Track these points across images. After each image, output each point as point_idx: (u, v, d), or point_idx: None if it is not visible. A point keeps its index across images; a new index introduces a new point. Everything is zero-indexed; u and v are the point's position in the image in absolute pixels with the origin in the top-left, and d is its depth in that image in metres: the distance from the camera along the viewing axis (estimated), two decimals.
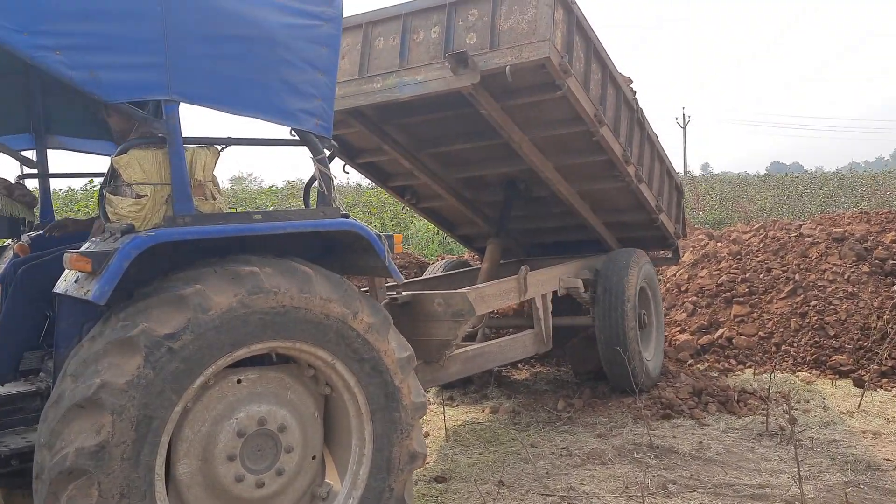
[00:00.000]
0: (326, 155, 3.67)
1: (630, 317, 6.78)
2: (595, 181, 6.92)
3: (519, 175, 7.06)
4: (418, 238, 16.21)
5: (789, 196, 23.43)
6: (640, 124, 6.90)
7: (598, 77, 6.07)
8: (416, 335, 5.15)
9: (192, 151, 3.34)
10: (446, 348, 5.25)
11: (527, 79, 5.42)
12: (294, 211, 3.54)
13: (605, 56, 6.15)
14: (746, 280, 9.28)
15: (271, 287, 3.26)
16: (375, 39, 5.75)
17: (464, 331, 5.32)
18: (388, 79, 5.56)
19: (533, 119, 6.05)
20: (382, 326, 3.67)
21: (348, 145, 6.95)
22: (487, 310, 5.85)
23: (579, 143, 6.33)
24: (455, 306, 5.18)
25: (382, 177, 7.49)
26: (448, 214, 8.13)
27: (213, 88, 3.25)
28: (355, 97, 5.74)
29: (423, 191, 7.59)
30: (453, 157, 6.97)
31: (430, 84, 5.33)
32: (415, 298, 5.35)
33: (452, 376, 5.66)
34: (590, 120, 5.87)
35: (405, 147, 6.76)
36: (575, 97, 5.58)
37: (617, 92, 6.43)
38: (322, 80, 3.60)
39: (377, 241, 3.66)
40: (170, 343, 3.02)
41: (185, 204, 3.20)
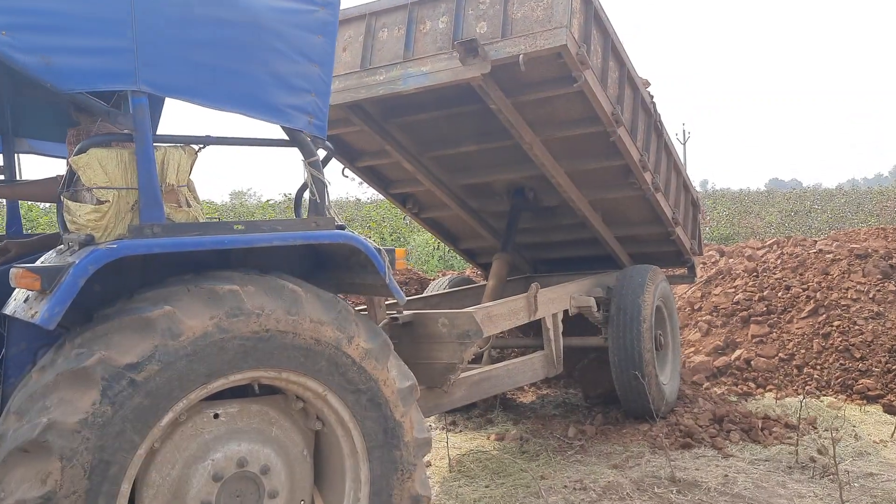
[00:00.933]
0: (320, 158, 3.23)
1: (646, 338, 6.34)
2: (609, 189, 6.52)
3: (527, 182, 6.67)
4: (418, 253, 15.77)
5: (797, 212, 23.02)
6: (658, 131, 6.50)
7: (616, 76, 5.70)
8: (419, 358, 4.77)
9: (163, 151, 2.91)
10: (451, 372, 4.84)
11: (541, 71, 5.06)
12: (281, 221, 3.10)
13: (624, 53, 5.79)
14: (764, 298, 8.86)
15: (254, 308, 2.83)
16: (379, 31, 5.42)
17: (470, 354, 4.93)
18: (391, 71, 5.20)
19: (546, 118, 5.67)
20: (381, 353, 3.23)
21: (348, 147, 6.56)
22: (496, 331, 5.44)
23: (594, 145, 5.94)
24: (461, 327, 4.79)
25: (383, 183, 7.09)
26: (452, 226, 7.71)
27: (187, 78, 2.83)
28: (356, 90, 5.37)
29: (425, 199, 7.19)
30: (459, 161, 6.58)
31: (436, 75, 4.98)
32: (417, 318, 4.97)
33: (457, 403, 5.23)
34: (607, 119, 5.48)
35: (408, 149, 6.36)
36: (592, 92, 5.19)
37: (634, 93, 6.05)
38: (316, 72, 3.17)
39: (376, 256, 3.23)
40: (132, 374, 2.58)
41: (154, 211, 2.76)
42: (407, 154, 6.35)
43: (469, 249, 8.11)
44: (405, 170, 6.55)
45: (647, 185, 6.26)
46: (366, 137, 6.26)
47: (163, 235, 2.74)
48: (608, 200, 6.69)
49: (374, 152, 6.56)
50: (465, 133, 6.17)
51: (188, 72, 2.82)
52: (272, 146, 3.17)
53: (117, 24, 2.67)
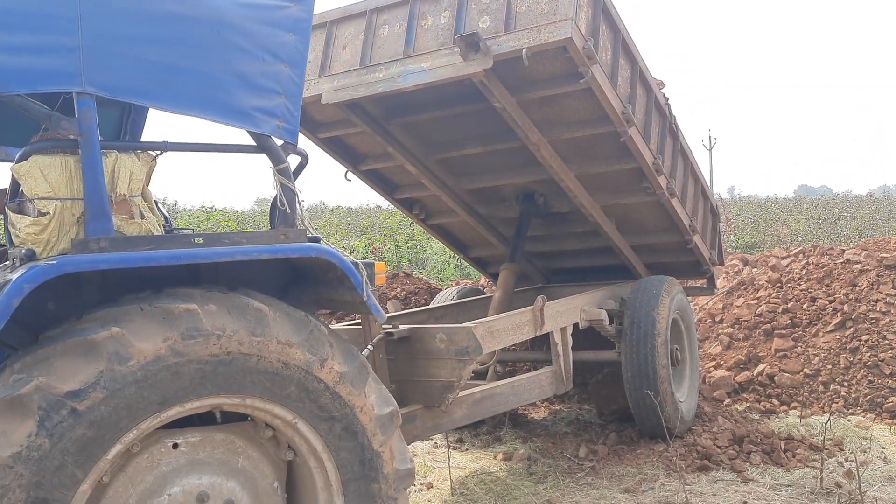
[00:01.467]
0: (289, 165, 2.98)
1: (661, 353, 6.03)
2: (622, 194, 6.24)
3: (537, 187, 6.41)
4: (433, 262, 15.51)
5: (825, 219, 22.45)
6: (674, 134, 6.20)
7: (627, 74, 5.42)
8: (416, 376, 4.59)
9: (114, 158, 2.68)
10: (449, 391, 4.59)
11: (546, 67, 4.87)
12: (247, 234, 2.86)
13: (636, 51, 5.51)
14: (788, 310, 8.47)
15: (213, 329, 2.59)
16: (380, 28, 5.24)
17: (469, 371, 4.67)
18: (391, 68, 5.03)
19: (553, 117, 5.43)
20: (358, 376, 2.97)
21: (350, 149, 6.37)
22: (498, 346, 5.17)
23: (604, 147, 5.68)
24: (459, 343, 4.54)
25: (388, 187, 6.86)
26: (460, 233, 7.47)
27: (140, 79, 2.60)
28: (355, 88, 5.18)
29: (432, 204, 6.95)
30: (464, 164, 6.35)
31: (437, 72, 4.79)
32: (414, 333, 4.71)
33: (457, 422, 4.96)
34: (617, 118, 5.23)
35: (411, 151, 6.12)
36: (600, 88, 4.95)
37: (647, 94, 5.77)
38: (286, 73, 2.94)
39: (352, 271, 2.98)
40: (73, 403, 2.34)
41: (101, 224, 2.53)
42: (410, 156, 6.12)
43: (479, 258, 7.85)
44: (410, 173, 6.33)
45: (661, 190, 5.97)
46: (368, 139, 6.05)
47: (110, 250, 2.51)
48: (621, 206, 6.42)
49: (377, 155, 6.34)
50: (469, 134, 5.94)
51: (141, 72, 2.59)
52: (237, 153, 2.94)
53: (61, 21, 2.45)
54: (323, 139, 6.19)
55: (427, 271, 14.54)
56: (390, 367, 4.60)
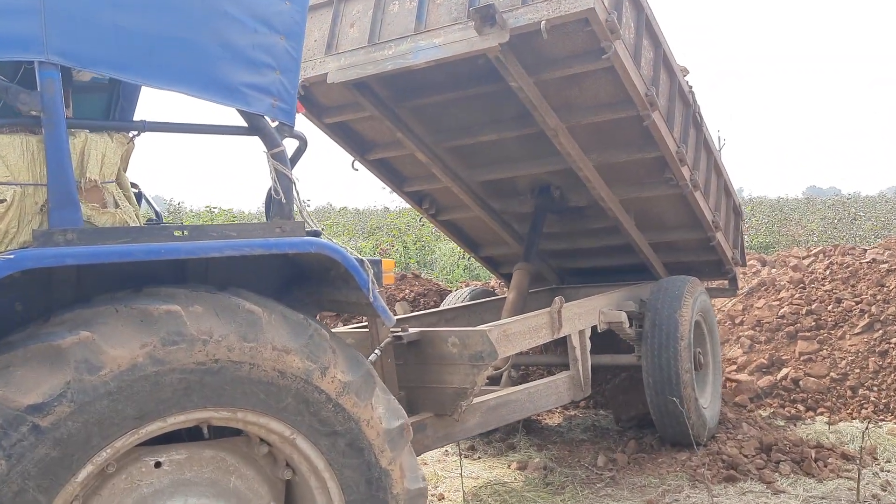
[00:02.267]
0: (285, 150, 2.67)
1: (684, 357, 5.70)
2: (642, 187, 5.93)
3: (553, 179, 6.11)
4: (442, 263, 15.17)
5: (840, 219, 22.00)
6: (697, 124, 5.88)
7: (650, 56, 5.14)
8: (427, 382, 4.34)
9: (84, 139, 2.37)
10: (463, 398, 4.30)
11: (566, 43, 4.62)
12: (237, 226, 2.54)
13: (660, 33, 5.22)
14: (812, 312, 8.13)
15: (198, 333, 2.28)
16: (390, 4, 4.98)
17: (484, 378, 4.40)
18: (401, 45, 4.76)
19: (572, 101, 5.16)
20: (364, 386, 2.66)
21: (358, 136, 6.07)
22: (513, 351, 4.86)
23: (626, 133, 5.40)
24: (473, 347, 4.26)
25: (397, 179, 6.55)
26: (472, 230, 7.15)
27: (113, 48, 2.29)
28: (363, 67, 4.90)
29: (442, 198, 6.64)
30: (477, 153, 6.05)
31: (450, 47, 4.53)
32: (424, 337, 4.43)
33: (471, 431, 4.66)
34: (640, 101, 4.94)
35: (421, 138, 5.82)
36: (623, 66, 4.67)
37: (671, 79, 5.47)
38: (282, 45, 2.63)
39: (357, 269, 2.66)
40: (35, 419, 2.04)
41: (68, 213, 2.22)
42: (421, 144, 5.82)
43: (491, 257, 7.54)
44: (420, 163, 6.03)
45: (684, 181, 5.66)
46: (376, 125, 5.77)
47: (78, 243, 2.19)
48: (641, 200, 6.11)
49: (385, 143, 6.05)
50: (483, 119, 5.65)
51: (115, 40, 2.28)
52: (226, 134, 2.62)
53: None
54: (329, 125, 5.91)
55: (436, 273, 14.21)
56: (399, 372, 4.33)
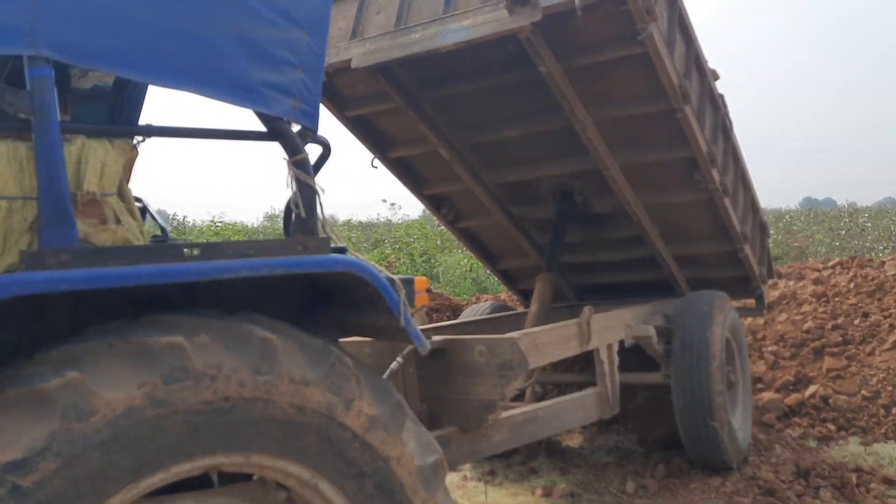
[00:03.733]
0: (307, 157, 2.38)
1: (717, 378, 5.41)
2: (669, 191, 5.69)
3: (576, 183, 5.88)
4: (450, 275, 14.86)
5: (847, 230, 21.71)
6: (726, 132, 5.65)
7: (683, 51, 4.94)
8: (451, 394, 4.12)
9: (80, 146, 2.07)
10: (490, 411, 4.05)
11: (599, 27, 4.47)
12: (255, 243, 2.24)
13: (692, 29, 5.03)
14: (839, 327, 7.84)
15: (205, 368, 1.98)
16: None
17: (513, 389, 4.14)
18: (428, 28, 4.62)
19: (602, 93, 4.97)
20: (392, 419, 2.36)
21: (378, 132, 5.86)
22: (543, 362, 4.61)
23: (655, 131, 5.18)
24: (502, 356, 4.01)
25: (417, 182, 6.32)
26: (490, 240, 6.88)
27: (114, 41, 1.99)
28: (388, 50, 4.74)
29: (462, 203, 6.39)
30: (500, 152, 5.82)
31: (479, 28, 4.38)
32: (449, 346, 4.18)
33: (497, 447, 4.40)
34: (673, 92, 4.74)
35: (444, 133, 5.60)
36: (657, 52, 4.48)
37: (702, 80, 5.27)
38: (304, 41, 2.34)
39: (388, 289, 2.37)
40: (15, 478, 1.73)
41: (61, 230, 1.92)
42: (443, 139, 5.60)
43: (508, 271, 7.24)
44: (440, 164, 5.82)
45: (714, 185, 5.40)
46: (399, 122, 5.57)
47: (73, 265, 1.89)
48: (668, 207, 5.85)
49: (407, 140, 5.83)
50: (509, 113, 5.44)
51: (116, 32, 1.98)
52: (242, 140, 2.33)
53: None
54: (350, 118, 5.69)
55: (442, 286, 13.91)
56: (421, 383, 4.12)
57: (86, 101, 3.13)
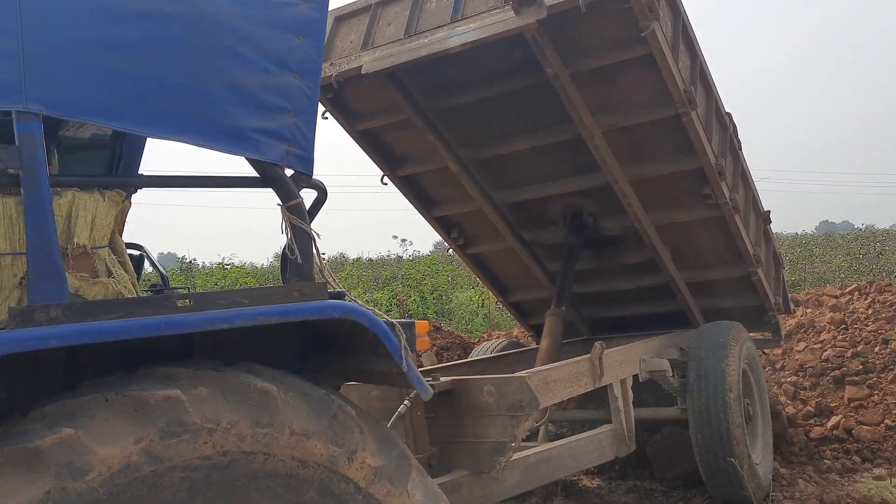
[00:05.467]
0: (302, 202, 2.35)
1: (734, 411, 5.29)
2: (679, 209, 5.68)
3: (586, 204, 5.90)
4: (461, 312, 14.76)
5: (866, 254, 21.52)
6: (735, 153, 5.70)
7: (687, 63, 5.02)
8: (461, 436, 4.05)
9: (71, 199, 2.06)
10: (501, 454, 3.97)
11: (602, 28, 4.58)
12: (250, 291, 2.20)
13: (697, 44, 5.10)
14: (859, 354, 7.71)
15: (203, 421, 1.92)
16: (427, 2, 5.00)
17: (524, 430, 4.10)
18: (436, 33, 4.76)
19: (608, 101, 5.03)
20: (398, 470, 2.30)
21: (388, 149, 5.89)
22: (555, 400, 4.52)
23: (662, 141, 5.21)
24: (511, 396, 3.96)
25: (426, 202, 6.30)
26: (500, 268, 6.83)
27: (103, 94, 1.97)
28: (397, 56, 4.86)
29: (472, 226, 6.37)
30: (508, 169, 5.83)
31: (486, 29, 4.50)
32: (457, 386, 4.13)
33: (510, 491, 4.29)
34: (678, 95, 4.79)
35: (452, 146, 5.64)
36: (660, 50, 4.52)
37: (708, 94, 5.32)
38: (297, 85, 2.32)
39: (388, 334, 2.32)
40: None
41: (52, 286, 1.89)
42: (451, 152, 5.63)
43: (520, 304, 7.17)
44: (450, 183, 5.86)
45: (724, 199, 5.38)
46: (408, 137, 5.66)
47: (63, 320, 1.85)
48: (679, 227, 5.83)
49: (417, 156, 5.87)
50: (516, 124, 5.48)
51: (105, 85, 1.97)
52: (235, 187, 2.31)
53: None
54: (361, 132, 5.75)
55: (454, 323, 13.81)
56: (431, 426, 4.03)
57: (85, 150, 3.12)
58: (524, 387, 3.93)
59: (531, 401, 3.92)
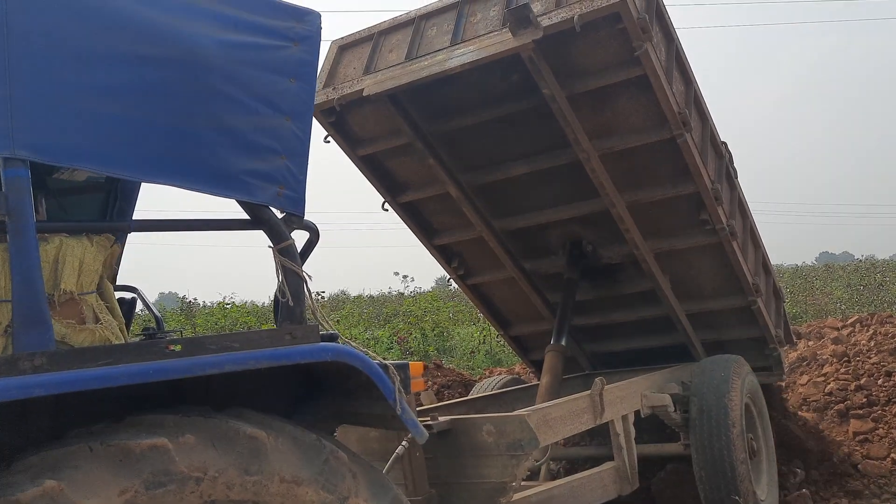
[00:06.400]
0: (293, 244, 2.33)
1: (738, 446, 5.22)
2: (677, 236, 5.68)
3: (585, 232, 5.91)
4: (462, 349, 14.67)
5: (867, 285, 21.44)
6: (731, 179, 5.72)
7: (682, 89, 5.08)
8: (460, 476, 3.99)
9: (58, 245, 2.04)
10: (502, 494, 3.92)
11: (597, 51, 4.67)
12: (241, 335, 2.18)
13: (691, 72, 5.18)
14: (862, 388, 7.63)
15: (190, 471, 1.89)
16: (428, 30, 5.18)
17: (524, 469, 4.04)
18: (436, 56, 4.90)
19: (604, 125, 5.08)
20: None
21: (390, 175, 5.90)
22: (555, 438, 4.48)
23: (659, 166, 5.25)
24: (511, 435, 3.91)
25: (427, 230, 6.29)
26: (502, 299, 6.78)
27: (91, 139, 1.97)
28: (399, 78, 4.97)
29: (472, 257, 6.35)
30: (508, 195, 5.86)
31: (484, 50, 4.64)
32: (456, 426, 4.08)
33: None
34: (673, 117, 4.86)
35: (452, 171, 5.68)
36: (654, 71, 4.61)
37: (703, 122, 5.38)
38: (288, 127, 2.32)
39: (381, 377, 2.28)
40: None
41: (37, 333, 1.86)
42: (451, 176, 5.66)
43: (521, 337, 7.11)
44: (451, 210, 5.87)
45: (721, 224, 5.39)
46: (409, 163, 5.70)
47: (48, 368, 1.82)
48: (677, 255, 5.81)
49: (417, 183, 5.88)
50: (514, 147, 5.52)
51: (91, 130, 1.96)
52: (225, 229, 2.29)
53: None
54: (362, 157, 5.77)
55: (456, 360, 13.72)
56: (430, 467, 3.96)
57: (80, 193, 3.11)
58: (524, 425, 3.88)
59: (531, 440, 3.87)
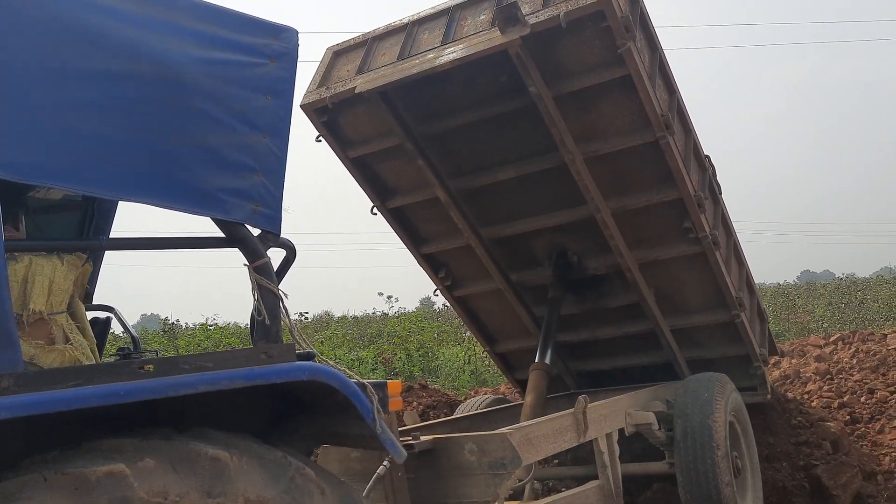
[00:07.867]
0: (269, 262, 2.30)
1: (723, 468, 5.21)
2: (661, 245, 5.76)
3: (570, 241, 6.00)
4: (447, 369, 14.60)
5: (847, 303, 21.62)
6: (714, 194, 5.82)
7: (665, 97, 5.23)
8: (443, 496, 3.99)
9: (27, 264, 2.00)
10: None
11: (583, 52, 4.84)
12: (215, 355, 2.14)
13: (674, 82, 5.33)
14: (845, 405, 7.64)
15: (149, 496, 1.84)
16: (420, 34, 5.35)
17: (507, 488, 4.02)
18: (427, 55, 5.06)
19: (589, 127, 5.20)
20: None
21: (379, 179, 5.99)
22: (538, 457, 4.46)
23: (642, 170, 5.36)
24: (493, 454, 3.90)
25: (415, 238, 6.33)
26: (489, 314, 6.79)
27: (64, 157, 1.94)
28: (390, 75, 5.11)
29: (459, 267, 6.39)
30: (495, 201, 5.96)
31: (472, 47, 4.80)
32: (438, 445, 4.07)
33: None
34: (656, 119, 5.00)
35: (441, 175, 5.75)
36: (637, 70, 4.75)
37: (686, 132, 5.48)
38: (265, 144, 2.30)
39: (359, 396, 2.25)
40: None
41: (5, 353, 1.81)
42: (439, 179, 5.73)
43: (507, 354, 7.10)
44: (439, 217, 5.96)
45: (704, 233, 5.47)
46: (398, 167, 5.80)
47: (15, 390, 1.78)
48: (662, 265, 5.88)
49: (406, 187, 5.96)
50: (502, 149, 5.64)
51: (66, 148, 1.93)
52: (200, 248, 2.26)
53: None
54: (353, 159, 5.85)
55: (441, 380, 13.65)
56: (411, 487, 3.94)
57: (56, 211, 3.08)
58: (505, 444, 3.87)
59: (513, 458, 3.85)
